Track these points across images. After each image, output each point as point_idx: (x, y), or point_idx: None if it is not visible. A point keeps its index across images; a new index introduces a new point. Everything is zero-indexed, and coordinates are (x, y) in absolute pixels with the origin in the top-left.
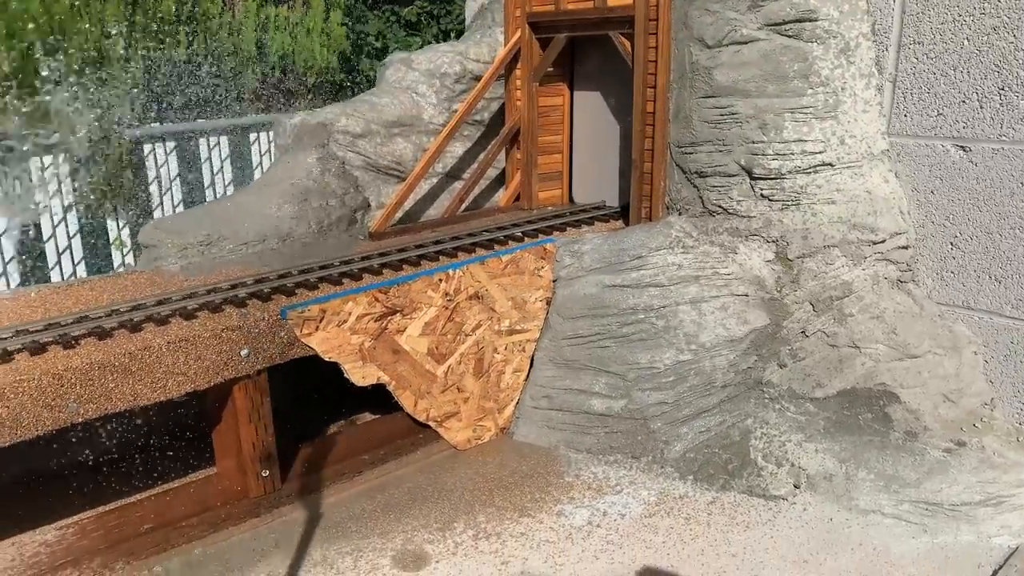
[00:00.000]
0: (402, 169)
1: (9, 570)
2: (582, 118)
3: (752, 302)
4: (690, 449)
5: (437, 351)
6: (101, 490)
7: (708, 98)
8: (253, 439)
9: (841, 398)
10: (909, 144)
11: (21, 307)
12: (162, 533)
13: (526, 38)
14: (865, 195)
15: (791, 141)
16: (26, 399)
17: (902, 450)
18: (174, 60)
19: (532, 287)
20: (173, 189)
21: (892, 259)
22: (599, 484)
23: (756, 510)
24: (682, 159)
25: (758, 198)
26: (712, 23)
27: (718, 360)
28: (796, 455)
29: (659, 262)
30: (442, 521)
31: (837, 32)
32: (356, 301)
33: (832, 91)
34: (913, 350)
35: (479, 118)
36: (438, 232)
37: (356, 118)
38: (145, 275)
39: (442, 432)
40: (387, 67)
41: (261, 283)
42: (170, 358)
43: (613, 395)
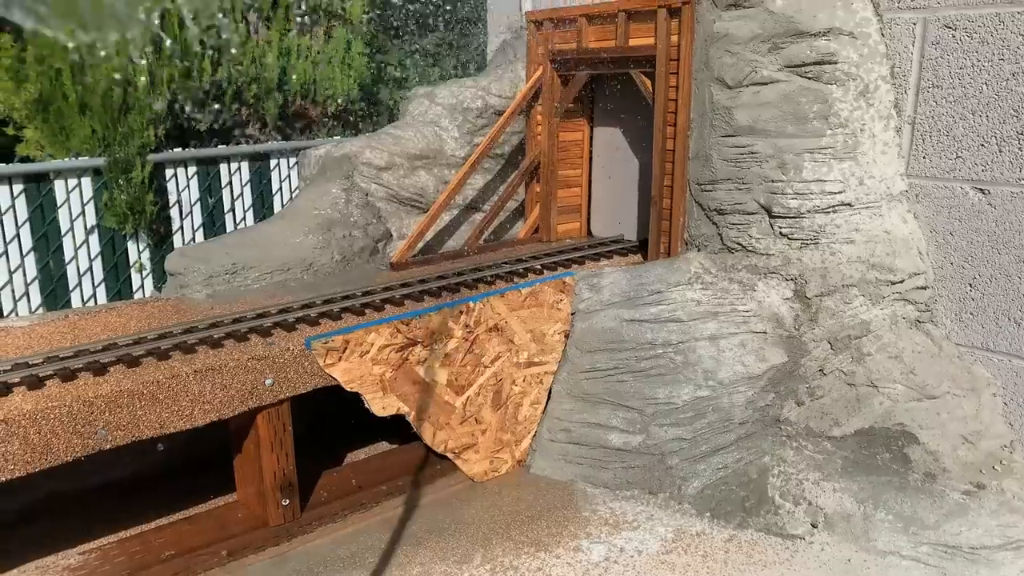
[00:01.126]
0: (424, 201)
1: None
2: (601, 153)
3: (770, 339)
4: (707, 486)
5: (456, 382)
6: (121, 515)
7: (728, 137)
8: (275, 468)
9: (859, 437)
10: (928, 186)
11: (51, 332)
12: (183, 560)
13: (548, 75)
14: (884, 235)
15: (810, 181)
16: (57, 425)
17: (921, 491)
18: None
19: (551, 320)
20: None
21: (911, 299)
22: (616, 520)
23: (773, 549)
24: (701, 196)
25: (777, 236)
26: (733, 64)
27: (736, 397)
28: (814, 494)
29: (678, 297)
30: (459, 554)
31: (856, 75)
32: (378, 332)
33: (851, 132)
34: (932, 391)
35: (500, 151)
36: (458, 264)
37: (380, 151)
38: (171, 303)
39: (459, 463)
40: (410, 101)
41: (286, 312)
42: (196, 387)
43: (631, 430)
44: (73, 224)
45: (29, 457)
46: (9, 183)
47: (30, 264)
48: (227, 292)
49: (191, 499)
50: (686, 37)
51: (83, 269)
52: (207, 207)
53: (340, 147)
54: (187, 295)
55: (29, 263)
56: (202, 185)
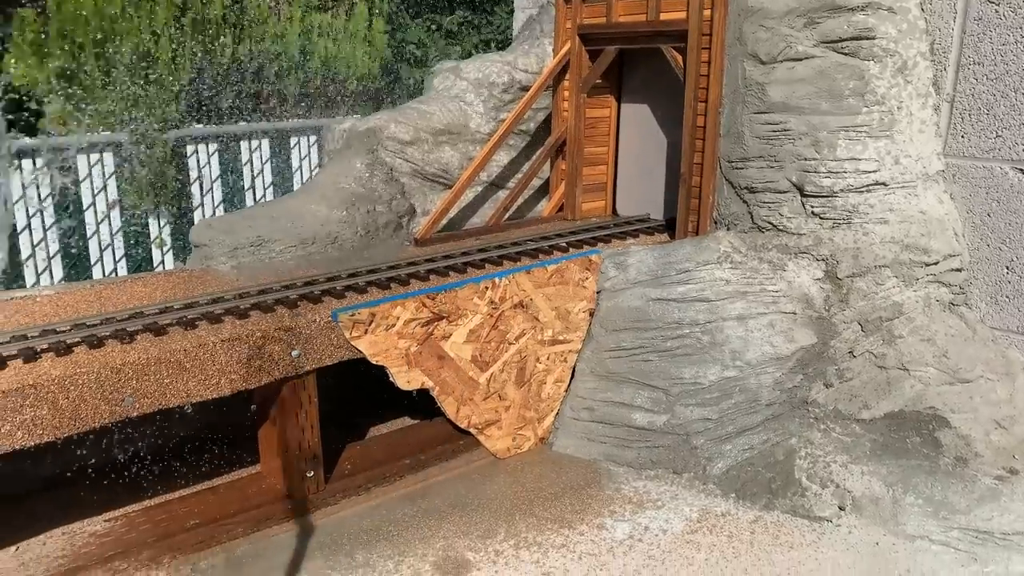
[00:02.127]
0: (448, 177)
1: (62, 558)
2: (628, 130)
3: (800, 320)
4: (733, 467)
5: (480, 358)
6: (146, 484)
7: (761, 114)
8: (300, 440)
9: (888, 420)
10: (965, 165)
11: (77, 301)
12: (207, 529)
13: (576, 50)
14: (919, 216)
15: (844, 159)
16: (85, 391)
17: (952, 476)
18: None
19: (576, 298)
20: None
21: (945, 281)
22: (640, 499)
23: (800, 531)
24: (732, 174)
25: (809, 216)
26: (767, 39)
27: (763, 378)
28: (841, 477)
29: (706, 277)
30: (482, 529)
31: (895, 51)
32: (404, 306)
33: (888, 110)
34: (965, 374)
35: (525, 128)
36: (482, 240)
37: (405, 125)
38: (196, 273)
39: (482, 440)
40: (435, 75)
41: (312, 285)
42: (224, 356)
43: (655, 409)
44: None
45: (58, 422)
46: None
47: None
48: (252, 264)
49: (215, 470)
50: (719, 11)
51: (104, 244)
52: (227, 183)
53: (365, 121)
54: (212, 266)
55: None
56: (223, 162)
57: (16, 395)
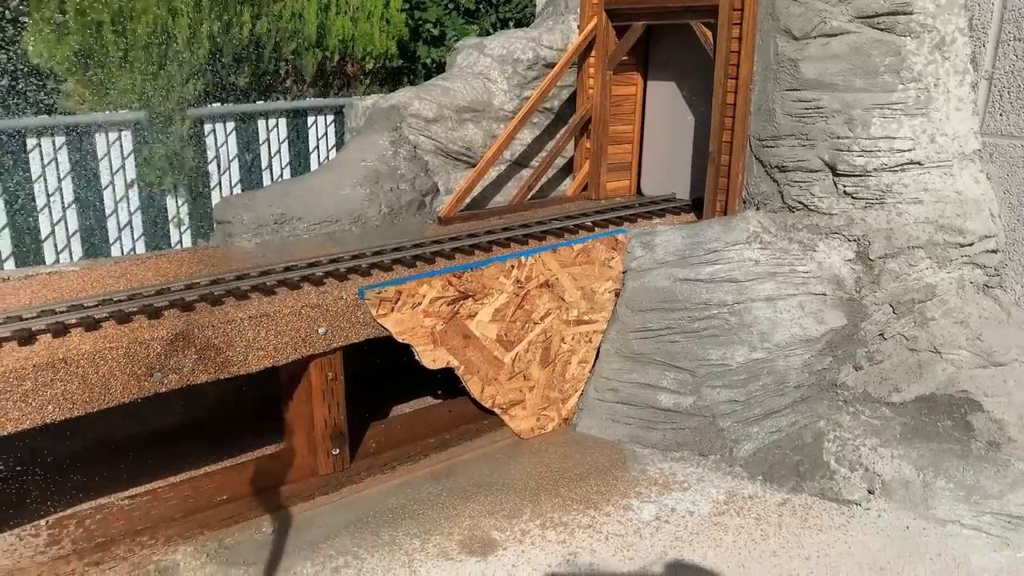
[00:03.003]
0: (472, 155)
1: (91, 532)
2: (655, 108)
3: (830, 302)
4: (760, 449)
5: (506, 338)
6: (173, 461)
7: (793, 91)
8: (326, 417)
9: (919, 404)
10: (1004, 144)
11: (104, 277)
12: (234, 505)
13: (602, 25)
14: (954, 196)
15: (879, 138)
16: (115, 366)
17: (984, 460)
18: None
19: (602, 278)
20: (232, 169)
21: (979, 263)
22: (666, 480)
23: (828, 514)
24: (762, 153)
25: (841, 195)
26: (801, 14)
27: (792, 360)
28: (871, 460)
29: (735, 257)
30: (508, 508)
31: (932, 26)
32: (430, 284)
33: (924, 87)
34: (999, 358)
35: (549, 106)
36: (506, 219)
37: (428, 102)
38: (220, 251)
39: (507, 419)
40: (459, 51)
41: (337, 263)
42: (251, 332)
43: (681, 391)
44: (113, 177)
45: (88, 397)
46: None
47: (72, 217)
48: (275, 242)
49: (242, 446)
50: None
51: (123, 223)
52: (245, 163)
53: (388, 98)
54: (235, 243)
55: (71, 216)
56: (240, 141)
57: (47, 369)
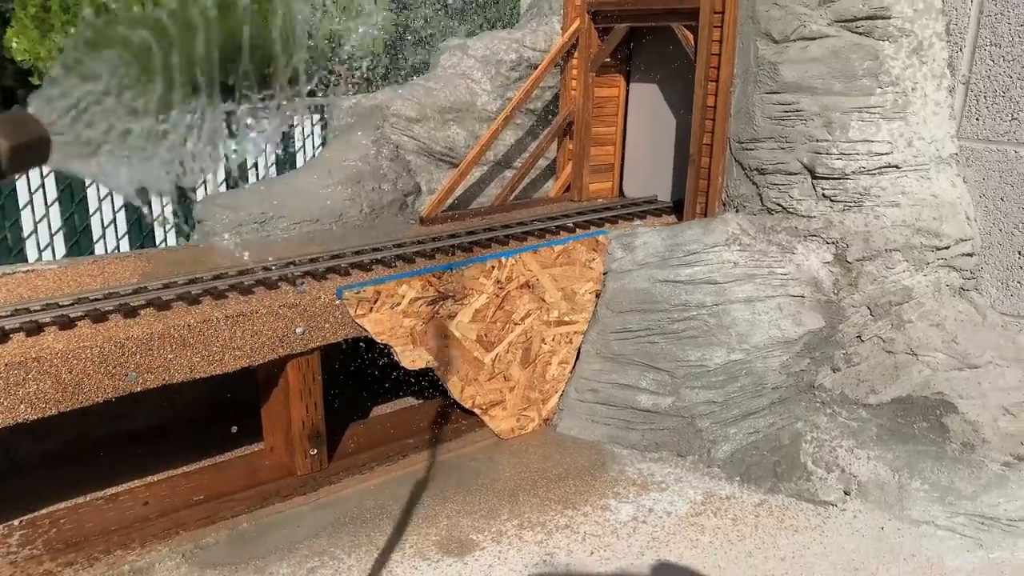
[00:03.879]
0: (454, 155)
1: (65, 533)
2: (637, 110)
3: (808, 304)
4: (738, 450)
5: (486, 338)
6: (150, 461)
7: (772, 94)
8: (303, 417)
9: (895, 405)
10: (979, 148)
11: (81, 276)
12: (211, 506)
13: (585, 27)
14: (931, 199)
15: (857, 141)
16: (88, 365)
17: (958, 462)
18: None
19: (582, 279)
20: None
21: (956, 266)
22: (644, 480)
23: (805, 515)
24: (742, 155)
25: (819, 198)
26: (780, 17)
27: (770, 361)
28: (847, 461)
29: (714, 259)
30: (486, 508)
31: (910, 31)
32: (410, 284)
33: (902, 91)
34: (974, 360)
35: (532, 107)
36: (488, 220)
37: (411, 102)
38: (200, 249)
39: (487, 420)
40: (442, 52)
41: (315, 262)
42: (228, 332)
43: (660, 392)
44: None
45: (60, 396)
46: None
47: (55, 215)
48: (256, 241)
49: (219, 447)
50: None
51: (107, 221)
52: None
53: (371, 98)
54: (216, 243)
55: (54, 214)
56: None
57: (19, 368)
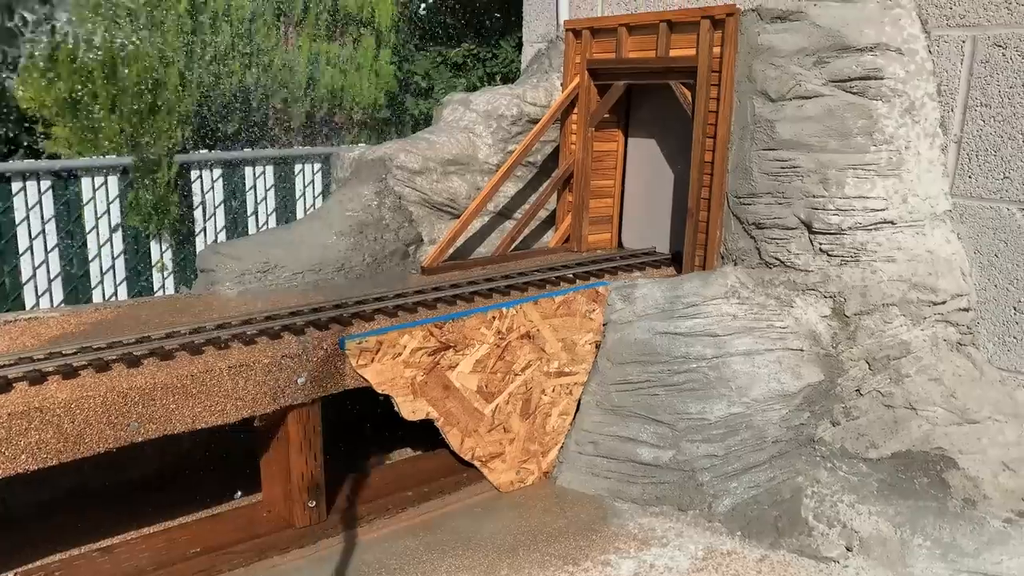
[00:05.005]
0: (456, 206)
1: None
2: (635, 164)
3: (807, 357)
4: (739, 504)
5: (486, 389)
6: (146, 511)
7: (769, 151)
8: (303, 469)
9: (896, 460)
10: (973, 206)
11: (83, 324)
12: (208, 558)
13: (585, 84)
14: (926, 255)
15: (852, 197)
16: (91, 415)
17: (960, 518)
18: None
19: (583, 330)
20: (217, 215)
21: (952, 321)
22: (645, 535)
23: (807, 571)
24: (740, 210)
25: (817, 252)
26: (776, 77)
27: (770, 414)
28: (848, 516)
29: (713, 311)
30: (486, 564)
31: (903, 91)
32: (411, 334)
33: (896, 149)
34: (973, 415)
35: (533, 160)
36: (489, 270)
37: (414, 155)
38: (202, 298)
39: (486, 472)
40: (445, 106)
41: (319, 312)
42: (230, 382)
43: (661, 444)
44: (98, 222)
45: (62, 446)
46: (37, 179)
47: (54, 261)
48: (259, 290)
49: (216, 498)
50: (729, 49)
51: (106, 267)
52: (231, 209)
53: (374, 150)
54: (218, 292)
55: (53, 259)
56: (227, 187)
57: (21, 418)
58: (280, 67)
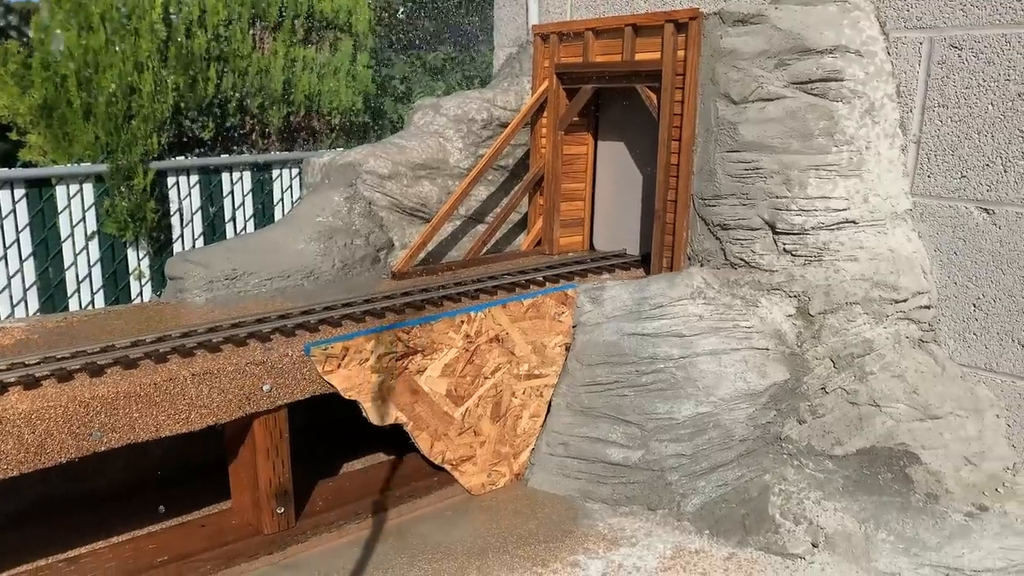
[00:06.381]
0: (427, 211)
1: None
2: (605, 167)
3: (772, 356)
4: (707, 503)
5: (456, 393)
6: (113, 520)
7: (733, 152)
8: (270, 475)
9: (860, 456)
10: (932, 205)
11: (49, 333)
12: (176, 567)
13: (553, 88)
14: (888, 253)
15: (815, 198)
16: (52, 425)
17: (923, 512)
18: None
19: (552, 332)
20: (194, 222)
21: (914, 318)
22: (614, 535)
23: (773, 568)
24: (705, 211)
25: (781, 253)
26: (739, 79)
27: (737, 413)
28: (814, 513)
29: (680, 312)
30: (455, 568)
31: (862, 92)
32: (379, 340)
33: (856, 150)
34: (934, 411)
35: (503, 163)
36: (460, 274)
37: (384, 160)
38: (170, 307)
39: (457, 476)
40: (415, 111)
41: (285, 318)
42: (194, 390)
43: (630, 445)
44: (73, 230)
45: (23, 457)
46: (11, 188)
47: (29, 269)
48: (227, 297)
49: (184, 506)
50: (692, 52)
51: (82, 275)
52: (208, 216)
53: (344, 155)
54: (186, 300)
55: (28, 268)
56: (204, 194)
57: None
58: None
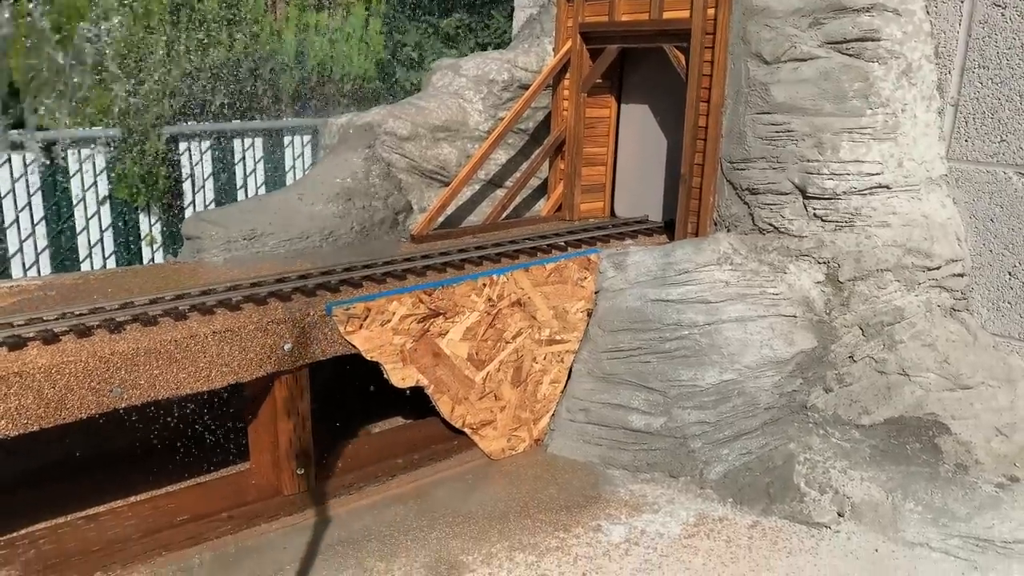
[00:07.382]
0: (446, 174)
1: (45, 553)
2: (628, 131)
3: (800, 324)
4: (731, 471)
5: (477, 357)
6: (134, 479)
7: (763, 114)
8: (290, 435)
9: (888, 426)
10: (969, 170)
11: (67, 291)
12: (195, 526)
13: (577, 48)
14: (922, 219)
15: (848, 161)
16: (72, 380)
17: (952, 483)
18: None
19: (574, 297)
20: (206, 188)
21: (946, 286)
22: (636, 502)
23: (798, 536)
24: (733, 175)
25: (811, 218)
26: (771, 39)
27: (762, 381)
28: (840, 482)
29: (706, 278)
30: (476, 530)
31: (900, 53)
32: (401, 301)
33: (892, 112)
34: (966, 380)
35: (524, 127)
36: (479, 238)
37: (403, 120)
38: (188, 266)
39: (477, 440)
40: (434, 72)
41: (305, 279)
42: (215, 348)
43: (652, 412)
44: (85, 195)
45: (43, 412)
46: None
47: (41, 233)
48: (245, 257)
49: (205, 466)
50: (723, 10)
51: (94, 240)
52: (220, 181)
53: (362, 116)
54: (204, 259)
55: (40, 232)
56: (215, 159)
57: (0, 383)
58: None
